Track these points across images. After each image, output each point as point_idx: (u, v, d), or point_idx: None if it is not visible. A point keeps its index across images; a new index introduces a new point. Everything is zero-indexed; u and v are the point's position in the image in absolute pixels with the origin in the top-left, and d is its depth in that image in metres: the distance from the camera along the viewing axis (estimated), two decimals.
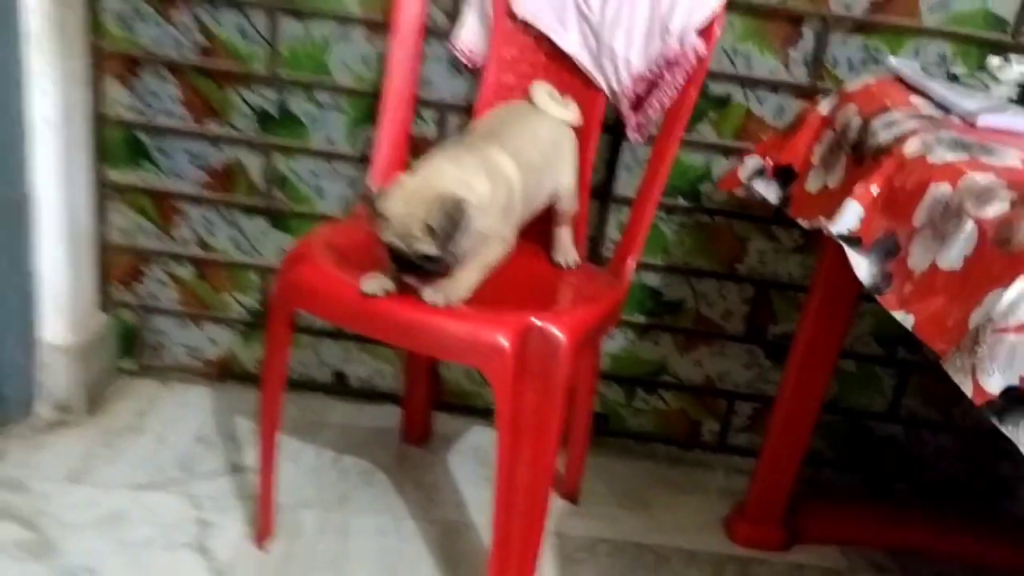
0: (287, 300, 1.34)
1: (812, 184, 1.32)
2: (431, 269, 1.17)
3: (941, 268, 0.89)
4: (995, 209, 0.87)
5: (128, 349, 1.87)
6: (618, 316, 1.48)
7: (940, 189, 0.95)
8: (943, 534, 1.72)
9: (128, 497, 1.56)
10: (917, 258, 0.94)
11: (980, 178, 0.93)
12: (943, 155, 1.02)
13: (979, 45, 1.58)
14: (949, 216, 0.91)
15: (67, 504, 1.52)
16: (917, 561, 1.67)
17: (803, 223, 1.27)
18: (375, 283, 1.21)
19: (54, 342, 1.68)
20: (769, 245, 1.75)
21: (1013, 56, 1.40)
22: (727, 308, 1.79)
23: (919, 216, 0.96)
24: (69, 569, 1.39)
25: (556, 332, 1.23)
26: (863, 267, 1.03)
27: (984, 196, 0.90)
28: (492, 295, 1.27)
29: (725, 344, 1.82)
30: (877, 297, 0.98)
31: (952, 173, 0.97)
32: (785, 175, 1.38)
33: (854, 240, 1.07)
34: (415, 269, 1.18)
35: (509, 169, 1.27)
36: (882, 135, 1.14)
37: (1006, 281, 0.77)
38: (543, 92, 1.48)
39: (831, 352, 1.53)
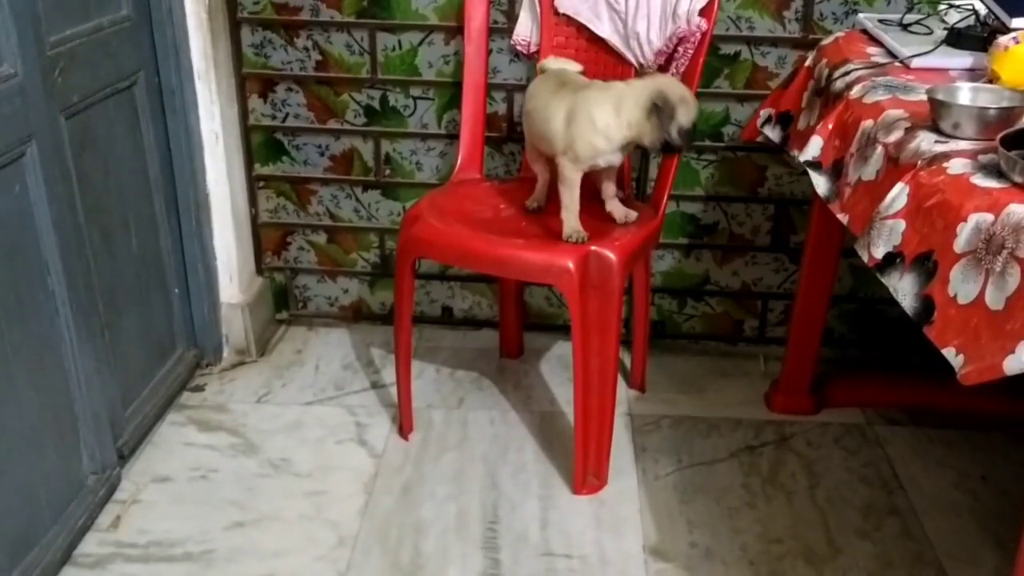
0: (409, 251, 1.81)
1: (802, 123, 1.70)
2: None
3: (863, 180, 1.29)
4: (895, 136, 1.26)
5: (281, 303, 2.38)
6: (658, 239, 1.90)
7: (866, 124, 1.34)
8: (946, 392, 2.08)
9: (301, 410, 2.07)
10: (851, 175, 1.33)
11: (892, 113, 1.32)
12: (874, 96, 1.40)
13: None
14: (869, 143, 1.30)
15: (259, 418, 2.04)
16: (925, 414, 2.06)
17: (794, 154, 1.66)
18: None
19: (230, 302, 2.20)
20: (784, 170, 2.13)
21: (960, 2, 1.74)
22: (754, 225, 2.19)
23: (854, 144, 1.35)
24: (271, 460, 1.91)
25: (609, 254, 1.66)
26: (822, 184, 1.43)
27: (891, 127, 1.29)
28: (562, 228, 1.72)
29: (756, 255, 2.22)
30: (828, 205, 1.38)
31: (876, 111, 1.35)
32: (786, 119, 1.77)
33: (816, 164, 1.47)
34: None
35: None
36: (838, 83, 1.52)
37: (891, 186, 1.17)
38: (552, 61, 1.82)
39: (834, 251, 1.91)
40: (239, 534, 1.69)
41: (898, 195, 1.16)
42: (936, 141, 1.20)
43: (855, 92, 1.45)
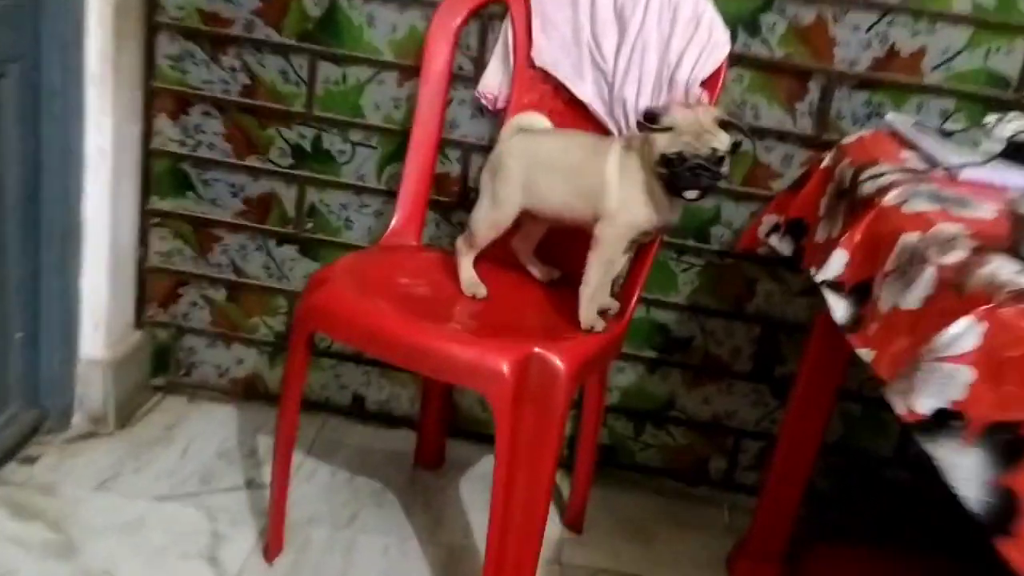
0: (307, 322, 1.43)
1: (820, 235, 1.37)
2: (709, 181, 1.31)
3: (903, 308, 0.95)
4: (956, 257, 0.93)
5: (160, 366, 1.97)
6: (619, 348, 1.54)
7: (909, 237, 1.01)
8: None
9: (149, 506, 1.64)
10: (883, 301, 1.00)
11: (947, 228, 0.99)
12: (916, 206, 1.08)
13: (982, 102, 1.64)
14: (915, 262, 0.97)
15: (92, 509, 1.61)
16: None
17: (811, 272, 1.32)
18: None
19: (92, 356, 1.79)
20: (776, 287, 1.80)
21: (1011, 114, 1.46)
22: (735, 346, 1.85)
23: (890, 262, 1.02)
24: (88, 570, 1.47)
25: (556, 361, 1.29)
26: (840, 309, 1.09)
27: (948, 244, 0.95)
28: (504, 320, 1.37)
29: (732, 382, 1.87)
30: (846, 336, 1.04)
31: (922, 223, 1.03)
32: (797, 229, 1.44)
33: (837, 285, 1.13)
34: (694, 181, 1.30)
35: None
36: (867, 186, 1.20)
37: (950, 320, 0.83)
38: (530, 116, 1.53)
39: (830, 393, 1.57)
40: None
41: (964, 332, 0.82)
42: (1020, 272, 0.87)
43: (890, 198, 1.13)
